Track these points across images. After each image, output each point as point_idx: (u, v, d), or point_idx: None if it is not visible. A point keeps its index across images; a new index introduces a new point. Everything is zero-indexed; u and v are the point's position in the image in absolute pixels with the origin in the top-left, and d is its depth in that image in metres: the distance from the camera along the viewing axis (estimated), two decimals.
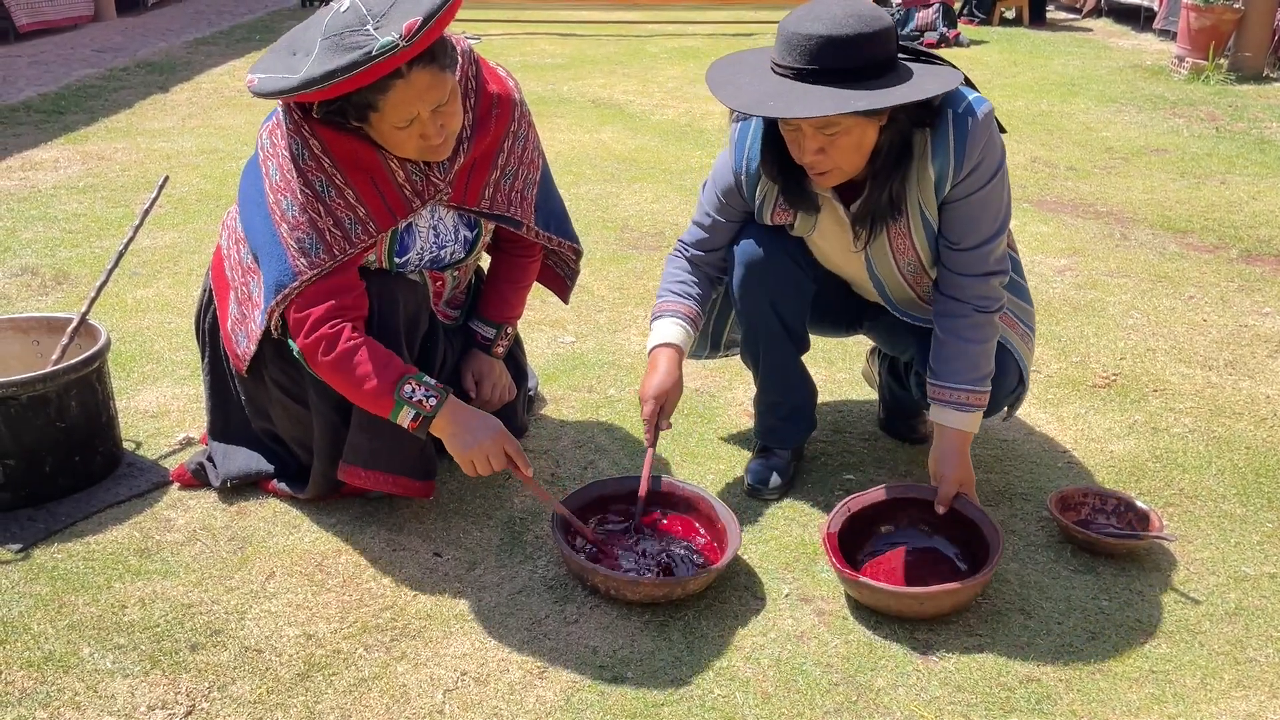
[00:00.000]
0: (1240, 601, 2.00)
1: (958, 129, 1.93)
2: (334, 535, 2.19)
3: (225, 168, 4.95)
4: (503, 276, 2.39)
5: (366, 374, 1.95)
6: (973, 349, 2.06)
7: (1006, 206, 2.04)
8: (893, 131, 1.91)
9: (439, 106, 1.90)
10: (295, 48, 1.88)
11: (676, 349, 2.15)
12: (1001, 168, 2.00)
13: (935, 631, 1.91)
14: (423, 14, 1.76)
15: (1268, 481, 2.40)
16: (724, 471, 2.44)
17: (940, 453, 2.11)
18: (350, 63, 1.76)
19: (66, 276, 3.60)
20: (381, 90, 1.86)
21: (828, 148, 1.88)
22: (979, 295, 2.05)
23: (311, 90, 1.81)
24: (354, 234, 1.99)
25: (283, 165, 1.99)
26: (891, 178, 1.96)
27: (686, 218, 4.29)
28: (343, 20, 1.83)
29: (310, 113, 1.96)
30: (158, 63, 7.98)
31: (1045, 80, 7.19)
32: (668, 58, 8.40)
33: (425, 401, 1.96)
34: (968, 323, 2.06)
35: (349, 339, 1.96)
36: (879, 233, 2.05)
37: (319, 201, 1.97)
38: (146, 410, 2.69)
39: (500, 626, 1.93)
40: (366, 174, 2.00)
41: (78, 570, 2.07)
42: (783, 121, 1.92)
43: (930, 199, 2.01)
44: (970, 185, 1.98)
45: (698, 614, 1.96)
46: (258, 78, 1.88)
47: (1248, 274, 3.68)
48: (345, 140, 1.97)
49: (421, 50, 1.81)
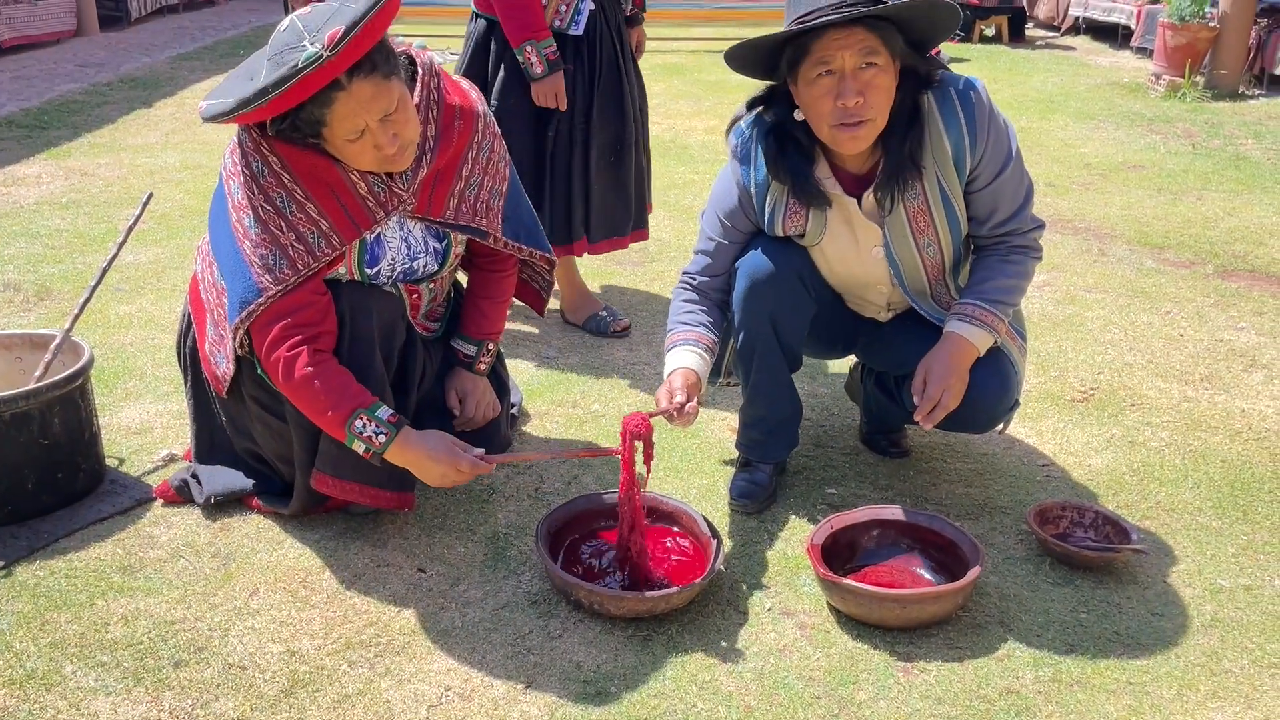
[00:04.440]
0: (1216, 613, 2.02)
1: (964, 103, 2.04)
2: (318, 551, 2.20)
3: (208, 183, 4.95)
4: (479, 293, 2.40)
5: (322, 403, 1.98)
6: (1003, 275, 2.13)
7: (1029, 177, 2.15)
8: (903, 93, 2.01)
9: (387, 116, 1.92)
10: (251, 73, 1.91)
11: (693, 371, 2.13)
12: (1016, 146, 2.10)
13: (916, 644, 1.93)
14: (344, 23, 1.77)
15: (1242, 495, 2.43)
16: (707, 486, 2.46)
17: (934, 354, 2.10)
18: (279, 78, 1.78)
19: (49, 292, 3.59)
20: (325, 104, 1.87)
21: (866, 90, 1.94)
22: (1020, 245, 2.15)
23: (250, 109, 1.82)
24: (317, 247, 2.01)
25: (244, 184, 2.01)
26: (907, 137, 2.03)
27: (671, 233, 4.32)
28: (282, 39, 1.85)
29: (267, 130, 1.98)
30: (141, 78, 7.98)
31: (1024, 97, 7.27)
32: (651, 74, 8.40)
33: (375, 438, 1.99)
34: (1003, 251, 2.16)
35: (306, 364, 1.98)
36: (900, 198, 2.09)
37: (280, 217, 1.99)
38: (129, 427, 2.69)
39: (484, 642, 1.94)
40: (327, 187, 2.01)
41: (60, 587, 2.07)
42: (819, 68, 1.95)
43: (951, 176, 2.07)
44: (991, 165, 2.07)
45: (681, 628, 1.97)
46: (206, 104, 1.90)
47: (1223, 289, 3.73)
48: (304, 155, 1.99)
49: (353, 60, 1.82)
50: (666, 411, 2.03)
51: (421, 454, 2.01)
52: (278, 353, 1.99)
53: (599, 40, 3.09)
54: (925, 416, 2.07)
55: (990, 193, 2.11)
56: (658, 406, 2.05)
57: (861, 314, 2.38)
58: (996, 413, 2.23)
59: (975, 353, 2.11)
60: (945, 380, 2.06)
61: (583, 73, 3.08)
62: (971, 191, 2.11)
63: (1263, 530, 2.29)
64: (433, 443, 2.02)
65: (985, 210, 2.13)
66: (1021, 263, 2.15)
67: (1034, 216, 2.17)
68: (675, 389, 2.06)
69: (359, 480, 2.14)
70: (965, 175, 2.08)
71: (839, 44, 1.93)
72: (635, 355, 3.17)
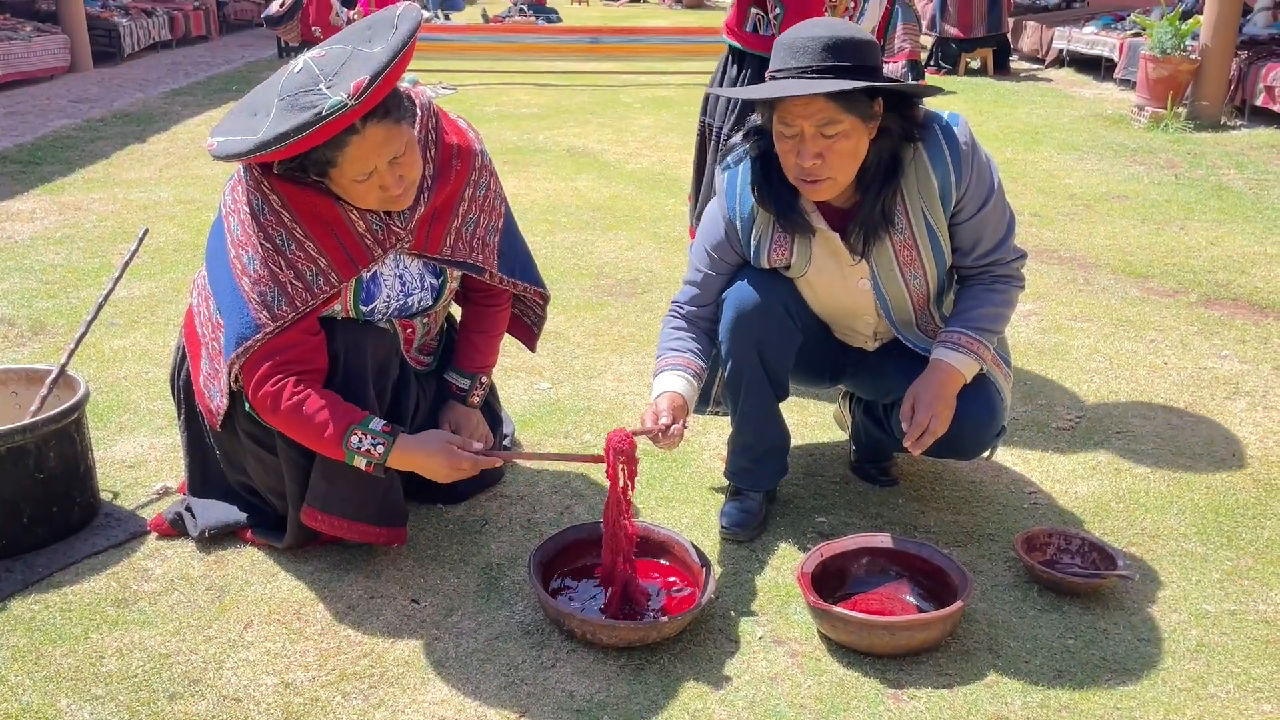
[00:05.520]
0: (1201, 639, 2.05)
1: (948, 140, 2.09)
2: (311, 583, 2.21)
3: (202, 218, 4.99)
4: (473, 327, 2.43)
5: (314, 428, 2.00)
6: (987, 303, 2.18)
7: (1010, 209, 2.21)
8: (882, 145, 2.04)
9: (396, 158, 1.96)
10: (255, 108, 1.94)
11: (679, 395, 2.16)
12: (997, 179, 2.16)
13: (905, 671, 1.95)
14: (370, 73, 1.82)
15: (1227, 520, 2.46)
16: (698, 515, 2.48)
17: (921, 381, 2.14)
18: (302, 123, 1.82)
19: (43, 327, 3.61)
20: (339, 146, 1.91)
21: (826, 153, 1.98)
22: (1003, 274, 2.21)
23: (268, 151, 1.86)
24: (315, 285, 2.04)
25: (244, 221, 2.04)
26: (883, 191, 2.07)
27: (660, 264, 4.37)
28: (297, 81, 1.89)
29: (270, 169, 2.02)
30: (134, 113, 8.03)
31: (1010, 129, 7.37)
32: (641, 107, 8.53)
33: (373, 450, 2.01)
34: (987, 281, 2.21)
35: (291, 395, 2.00)
36: (874, 245, 2.13)
37: (279, 255, 2.02)
38: (124, 460, 2.70)
39: (478, 672, 1.95)
40: (327, 226, 2.05)
41: (55, 621, 2.07)
42: (782, 127, 2.01)
43: (936, 209, 2.11)
44: (975, 199, 2.12)
45: (673, 657, 1.99)
46: (217, 141, 1.94)
47: (1206, 318, 3.77)
48: (304, 194, 2.02)
49: (373, 106, 1.87)
50: (651, 431, 2.06)
51: (421, 456, 2.04)
52: (264, 389, 2.02)
53: None
54: (914, 443, 2.11)
55: (974, 225, 2.15)
56: (642, 426, 2.08)
57: (849, 344, 2.42)
58: (984, 439, 2.26)
59: (962, 379, 2.14)
60: (933, 407, 2.10)
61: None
62: (956, 224, 2.16)
63: (1247, 555, 2.32)
64: (430, 444, 2.05)
65: (969, 241, 2.17)
66: (1005, 291, 2.19)
67: (1016, 247, 2.22)
68: (660, 410, 2.09)
69: (349, 517, 2.16)
70: (950, 209, 2.13)
71: (798, 112, 1.98)
72: (626, 386, 3.20)
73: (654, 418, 2.08)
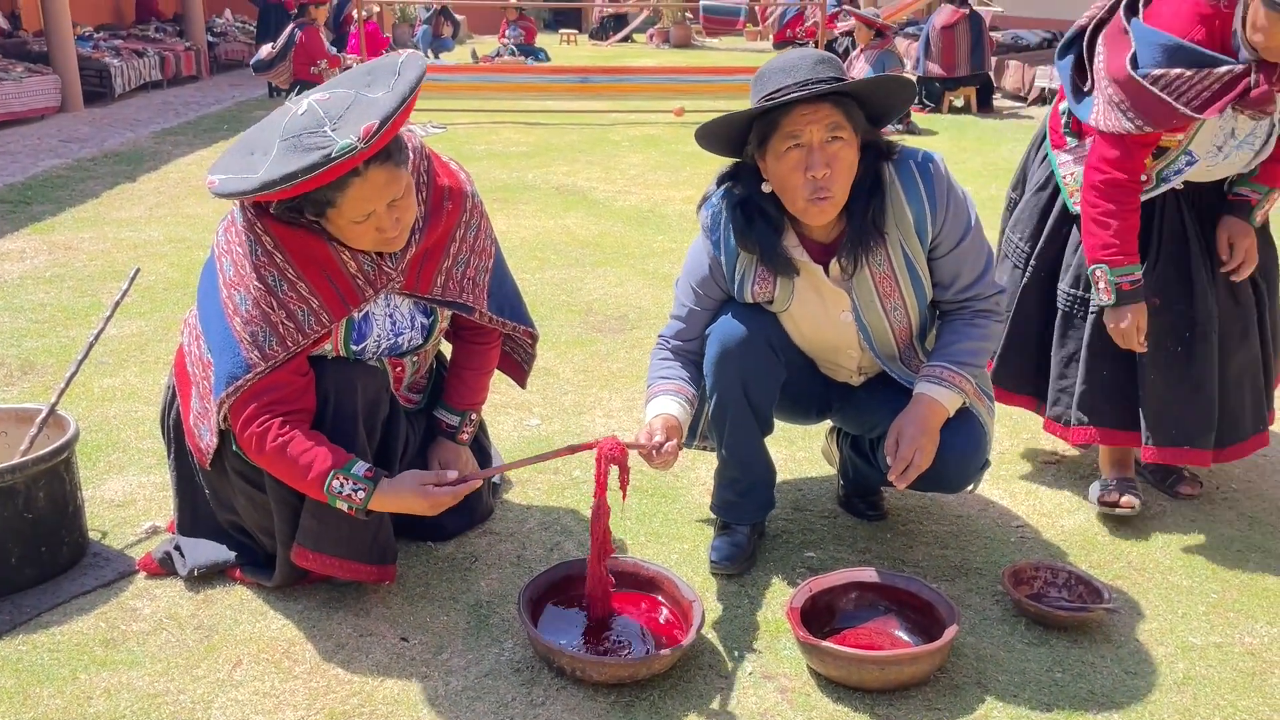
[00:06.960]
0: (1188, 671, 2.06)
1: (923, 174, 2.15)
2: (300, 622, 2.20)
3: (193, 256, 5.01)
4: (463, 364, 2.45)
5: (297, 469, 2.02)
6: (968, 338, 2.21)
7: (989, 245, 2.26)
8: (864, 165, 2.12)
9: (394, 201, 2.00)
10: (253, 148, 1.97)
11: (674, 416, 2.18)
12: (975, 215, 2.22)
13: (895, 706, 1.95)
14: (379, 117, 1.86)
15: (1212, 553, 2.48)
16: (687, 551, 2.48)
17: (905, 415, 2.16)
18: (310, 164, 1.85)
19: (33, 366, 3.61)
20: (340, 188, 1.94)
21: (832, 162, 2.04)
22: (983, 309, 2.25)
23: (273, 190, 1.89)
24: (307, 325, 2.06)
25: (236, 261, 2.07)
26: (870, 204, 2.13)
27: (649, 300, 4.40)
28: (300, 122, 1.92)
29: (265, 210, 2.04)
30: (125, 153, 8.07)
31: (993, 166, 7.45)
32: (630, 145, 8.61)
33: (354, 495, 2.02)
34: (967, 315, 2.25)
35: (276, 436, 2.02)
36: (862, 263, 2.17)
37: (272, 296, 2.04)
38: (112, 499, 2.70)
39: (468, 710, 1.95)
40: (319, 266, 2.07)
41: (43, 662, 2.07)
42: (789, 142, 2.05)
43: (914, 242, 2.17)
44: (952, 234, 2.18)
45: (663, 694, 1.99)
46: (218, 179, 1.96)
47: None
48: (297, 235, 2.05)
49: (376, 151, 1.90)
50: (644, 448, 2.08)
51: (395, 500, 2.05)
52: (250, 429, 2.03)
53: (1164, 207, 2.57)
54: (899, 476, 2.13)
55: (953, 259, 2.19)
56: (635, 442, 2.10)
57: (834, 379, 2.44)
58: (968, 472, 2.28)
59: (945, 413, 2.17)
60: (916, 440, 2.12)
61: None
62: (935, 258, 2.20)
63: (1232, 588, 2.34)
64: (404, 486, 2.06)
65: (949, 276, 2.21)
66: (985, 326, 2.23)
67: (995, 282, 2.27)
68: (655, 429, 2.11)
69: (339, 555, 2.16)
70: (928, 242, 2.18)
71: (806, 119, 2.03)
72: (616, 422, 3.21)
73: (648, 436, 2.10)
